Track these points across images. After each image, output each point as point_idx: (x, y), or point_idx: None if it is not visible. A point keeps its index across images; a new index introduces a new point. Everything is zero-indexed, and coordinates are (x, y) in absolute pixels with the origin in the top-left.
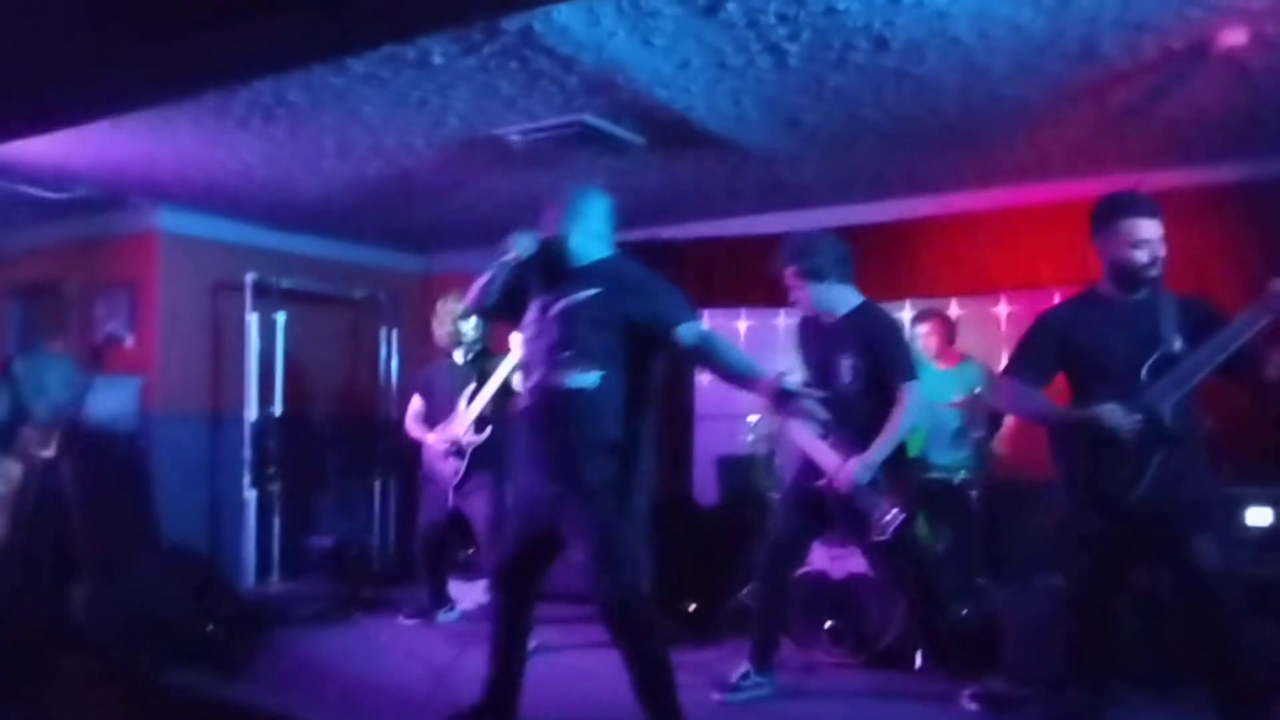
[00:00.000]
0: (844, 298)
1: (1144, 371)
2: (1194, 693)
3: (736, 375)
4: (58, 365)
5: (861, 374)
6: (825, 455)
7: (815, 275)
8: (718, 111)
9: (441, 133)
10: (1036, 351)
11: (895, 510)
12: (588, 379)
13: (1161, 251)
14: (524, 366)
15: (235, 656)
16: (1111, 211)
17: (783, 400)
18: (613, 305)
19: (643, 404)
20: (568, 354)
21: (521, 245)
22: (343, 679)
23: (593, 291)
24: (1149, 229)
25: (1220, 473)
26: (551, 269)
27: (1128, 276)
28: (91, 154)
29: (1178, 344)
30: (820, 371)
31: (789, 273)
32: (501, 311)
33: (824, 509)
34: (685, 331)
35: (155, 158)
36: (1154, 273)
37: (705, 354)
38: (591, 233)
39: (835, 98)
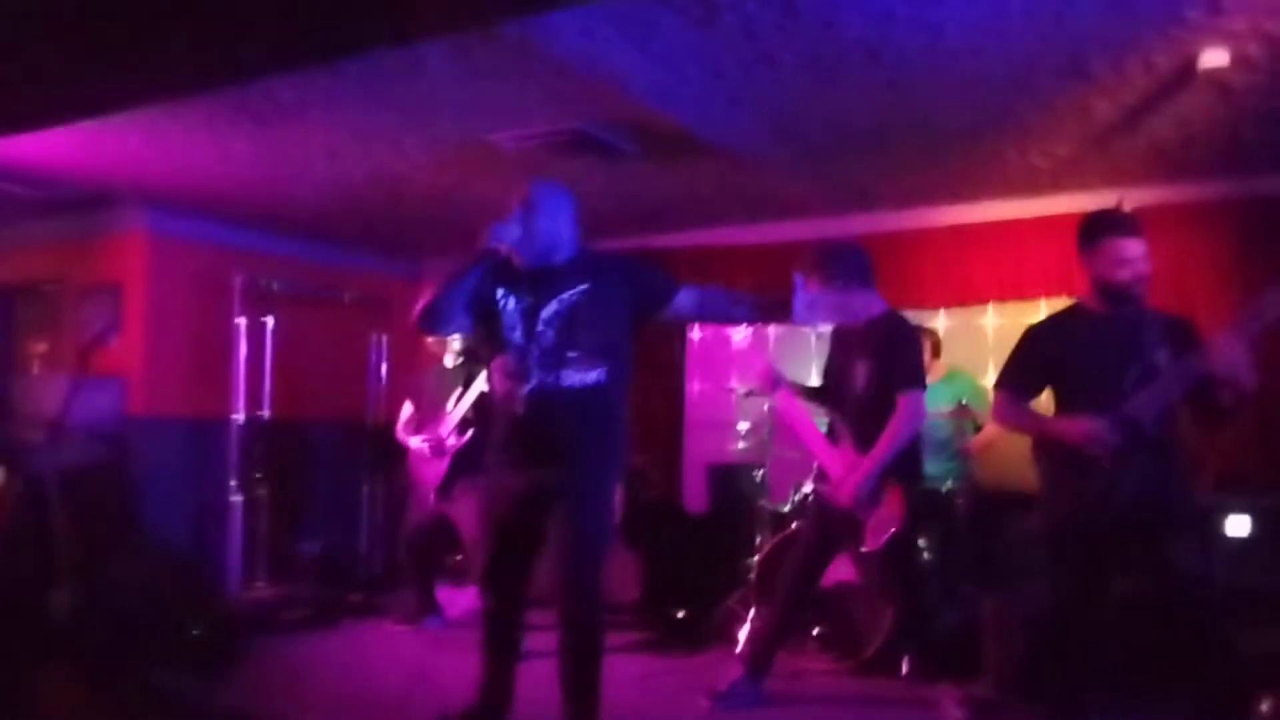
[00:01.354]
0: (865, 304)
1: (1127, 384)
2: (1175, 699)
3: (742, 313)
4: None
5: (874, 380)
6: (832, 460)
7: (831, 281)
8: (712, 121)
9: (434, 137)
10: (1024, 365)
11: (887, 523)
12: (593, 376)
13: (1145, 269)
14: (512, 372)
15: (220, 661)
16: (1097, 230)
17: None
18: (607, 298)
19: (628, 395)
20: (571, 354)
21: (506, 236)
22: (329, 684)
23: (583, 287)
24: (1133, 248)
25: (1200, 482)
26: (525, 270)
27: (1112, 293)
28: (78, 152)
29: (1160, 358)
30: (838, 378)
31: (810, 282)
32: (463, 322)
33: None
34: (683, 296)
35: (144, 157)
36: (1137, 290)
37: (708, 307)
38: (565, 230)
39: (829, 109)
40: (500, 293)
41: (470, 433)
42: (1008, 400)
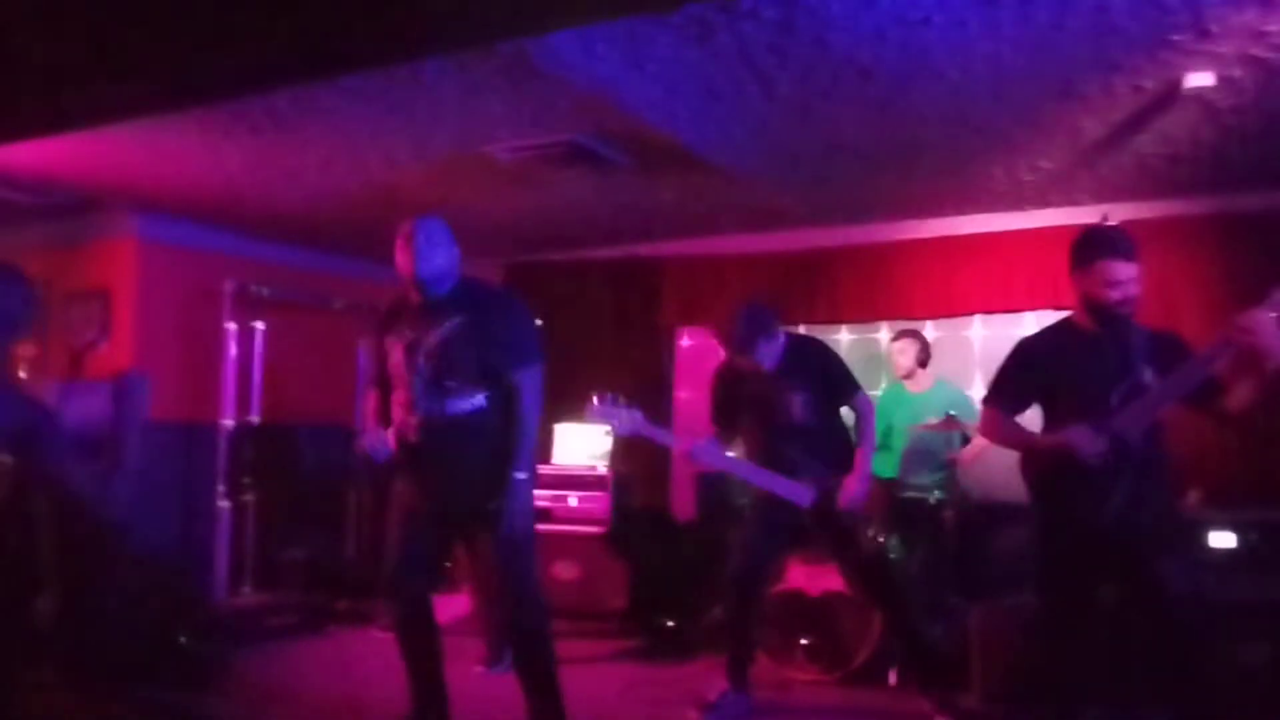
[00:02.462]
0: (775, 346)
1: (1114, 399)
2: (1158, 713)
3: (516, 438)
4: None
5: (815, 405)
6: (793, 488)
7: (755, 350)
8: (705, 136)
9: (429, 148)
10: (1014, 380)
11: (879, 527)
12: (475, 402)
13: (1135, 291)
14: (402, 402)
15: (206, 669)
16: (1089, 250)
17: (515, 487)
18: (481, 329)
19: (516, 410)
20: (452, 383)
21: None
22: (316, 691)
23: (458, 320)
24: (1124, 270)
25: (1185, 497)
26: (409, 306)
27: (1101, 312)
28: (71, 159)
29: (1147, 374)
30: (761, 417)
31: (751, 363)
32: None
33: (797, 530)
34: (517, 376)
35: (136, 164)
36: (1125, 310)
37: (516, 401)
38: (442, 262)
39: (820, 125)
40: (389, 335)
41: None
42: (996, 414)
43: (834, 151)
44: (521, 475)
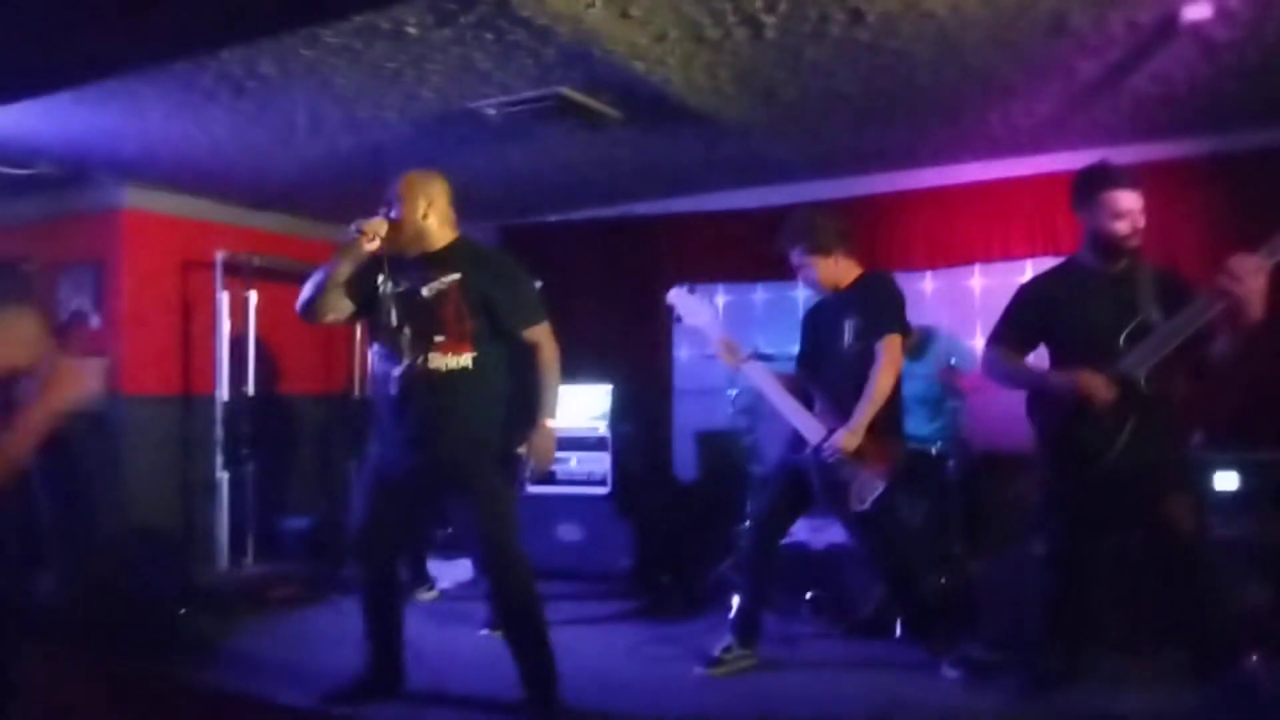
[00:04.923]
0: (848, 270)
1: (1121, 339)
2: (1167, 654)
3: (539, 396)
4: None
5: (859, 333)
6: (810, 424)
7: (823, 251)
8: (694, 85)
9: (416, 106)
10: (1018, 321)
11: (876, 480)
12: (463, 360)
13: (1141, 222)
14: (387, 351)
15: (208, 640)
16: (1094, 183)
17: (536, 440)
18: (475, 287)
19: (506, 375)
20: (441, 338)
21: (374, 230)
22: (318, 660)
23: (456, 275)
24: (1130, 200)
25: (1189, 437)
26: (405, 255)
27: (1109, 247)
28: (55, 128)
29: (1154, 314)
30: (821, 341)
31: (795, 253)
32: (344, 307)
33: (808, 482)
34: (532, 333)
35: (121, 132)
36: (1134, 242)
37: (534, 357)
38: (441, 216)
39: (811, 71)
40: (380, 278)
41: None
42: (999, 356)
43: (826, 99)
44: (550, 422)
